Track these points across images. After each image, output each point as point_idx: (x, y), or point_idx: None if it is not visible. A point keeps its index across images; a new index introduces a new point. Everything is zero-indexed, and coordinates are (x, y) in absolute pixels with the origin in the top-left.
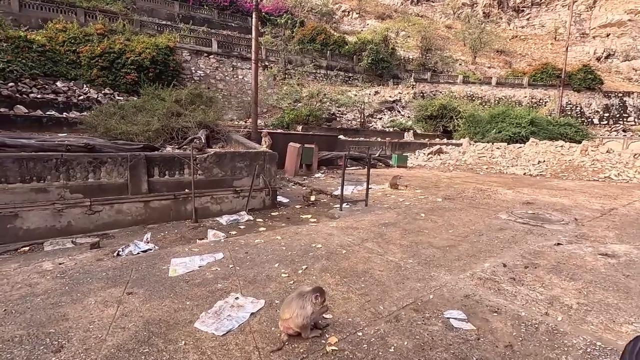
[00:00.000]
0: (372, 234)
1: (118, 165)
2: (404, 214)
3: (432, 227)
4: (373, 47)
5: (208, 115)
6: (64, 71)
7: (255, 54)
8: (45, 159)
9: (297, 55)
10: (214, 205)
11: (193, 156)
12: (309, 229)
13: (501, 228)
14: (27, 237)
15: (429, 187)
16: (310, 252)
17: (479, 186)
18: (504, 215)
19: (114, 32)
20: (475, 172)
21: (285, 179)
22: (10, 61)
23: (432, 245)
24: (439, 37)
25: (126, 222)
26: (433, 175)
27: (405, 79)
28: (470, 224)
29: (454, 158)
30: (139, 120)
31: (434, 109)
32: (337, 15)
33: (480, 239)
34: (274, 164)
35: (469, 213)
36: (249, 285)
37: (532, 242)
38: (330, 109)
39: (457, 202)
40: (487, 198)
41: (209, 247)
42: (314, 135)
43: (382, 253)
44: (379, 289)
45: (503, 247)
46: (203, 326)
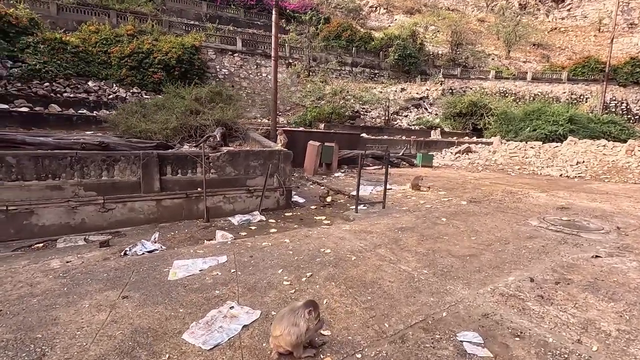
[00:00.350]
0: (386, 239)
1: (131, 163)
2: (423, 218)
3: (453, 233)
4: (400, 42)
5: (226, 113)
6: (96, 71)
7: (275, 51)
8: (60, 157)
9: (321, 52)
10: (226, 205)
11: (205, 155)
12: (320, 231)
13: (530, 236)
14: (41, 234)
15: (453, 189)
16: (318, 258)
17: (509, 188)
18: (534, 221)
19: (143, 32)
20: (506, 172)
21: (304, 178)
22: (47, 62)
23: (451, 254)
24: (470, 31)
25: (138, 221)
26: (460, 175)
27: (433, 75)
28: (496, 230)
29: (484, 158)
30: (158, 119)
31: (463, 106)
32: (364, 11)
33: (506, 248)
34: (288, 163)
35: (495, 218)
36: (247, 292)
37: (565, 254)
38: (354, 106)
39: (483, 205)
40: (517, 202)
41: (215, 249)
42: (336, 134)
43: (394, 261)
44: (387, 302)
45: (531, 259)
46: (191, 338)
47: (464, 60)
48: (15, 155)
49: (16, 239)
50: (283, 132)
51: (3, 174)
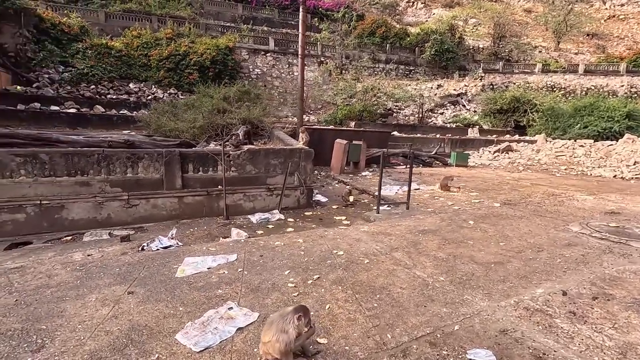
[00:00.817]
0: (404, 242)
1: (154, 161)
2: (448, 220)
3: (480, 237)
4: (437, 37)
5: (252, 112)
6: (137, 73)
7: (301, 49)
8: (88, 155)
9: (354, 49)
10: (246, 203)
11: (225, 153)
12: (337, 232)
13: (569, 243)
14: (71, 227)
15: (487, 190)
16: (329, 260)
17: (551, 190)
18: (575, 227)
19: (181, 35)
20: (550, 173)
21: (331, 176)
22: (93, 66)
23: (474, 261)
24: (515, 22)
25: (161, 217)
26: (497, 176)
27: (472, 71)
28: (529, 236)
29: (526, 157)
30: (186, 118)
31: (505, 101)
32: (401, 6)
33: (538, 257)
34: (309, 161)
35: (530, 222)
36: (250, 293)
37: (609, 265)
38: (387, 104)
39: (518, 208)
40: (559, 205)
41: (227, 247)
42: (365, 132)
43: (410, 266)
44: (394, 311)
45: (567, 269)
46: (184, 338)
47: (507, 53)
48: (48, 153)
49: (48, 231)
50: (305, 130)
51: (37, 170)
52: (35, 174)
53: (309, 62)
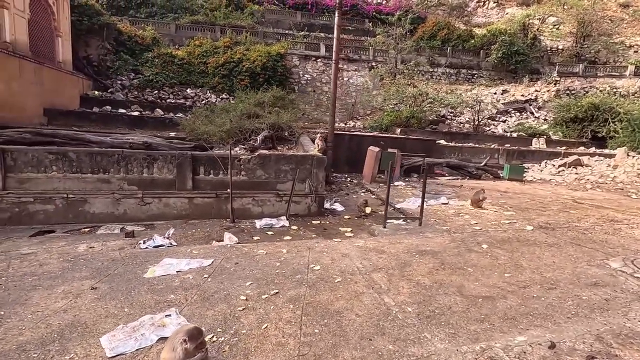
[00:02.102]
0: (393, 263)
1: (168, 162)
2: (459, 242)
3: (485, 265)
4: (505, 38)
5: (281, 117)
6: (195, 80)
7: (335, 54)
8: (110, 154)
9: (410, 53)
10: (255, 207)
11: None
12: (328, 245)
13: (596, 283)
14: (92, 220)
15: (529, 209)
16: (300, 274)
17: (614, 214)
18: (616, 262)
19: (238, 43)
20: (625, 194)
21: (360, 184)
22: (158, 73)
23: (461, 292)
24: (606, 19)
25: (172, 216)
26: (553, 193)
27: (547, 74)
28: (549, 268)
29: (598, 173)
30: (217, 122)
31: (580, 109)
32: (470, 7)
33: (546, 295)
34: (321, 168)
35: (561, 252)
36: (198, 302)
37: (636, 316)
38: (441, 110)
39: (555, 233)
40: (611, 233)
41: (210, 251)
42: (407, 139)
43: (382, 291)
44: (332, 340)
45: (575, 315)
46: (107, 340)
47: (594, 54)
48: (76, 152)
49: (72, 222)
50: (321, 136)
51: (67, 167)
52: (64, 170)
53: (359, 67)
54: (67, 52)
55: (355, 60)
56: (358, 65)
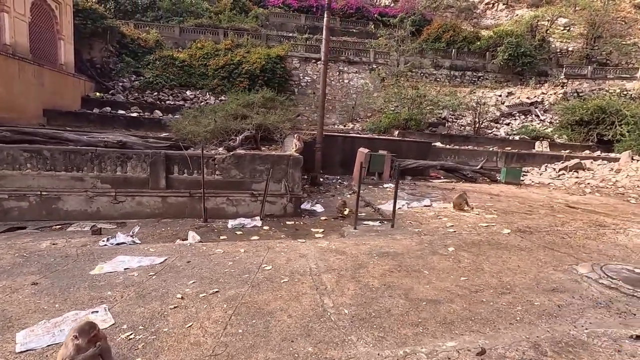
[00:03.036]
0: (349, 264)
1: (141, 161)
2: (426, 244)
3: (444, 268)
4: (512, 40)
5: (268, 118)
6: (195, 82)
7: (325, 55)
8: (83, 153)
9: (413, 56)
10: (229, 207)
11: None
12: (289, 245)
13: (555, 289)
14: (65, 217)
15: (514, 213)
16: (248, 274)
17: (604, 219)
18: (584, 268)
19: (239, 46)
20: (624, 199)
21: (350, 186)
22: (158, 75)
23: (407, 295)
24: (619, 20)
25: (145, 214)
26: (547, 197)
27: (554, 76)
28: (510, 273)
29: (599, 177)
30: (203, 122)
31: (586, 112)
32: (479, 9)
33: (496, 300)
34: (297, 169)
35: (529, 256)
36: (133, 300)
37: (585, 324)
38: (441, 112)
39: (531, 237)
40: (593, 238)
41: (168, 249)
42: (403, 141)
43: (327, 292)
44: (253, 341)
45: (519, 321)
46: (22, 336)
47: (605, 56)
48: (50, 150)
49: (46, 219)
50: (298, 137)
51: (41, 164)
52: (39, 167)
53: (360, 69)
54: (69, 54)
55: (355, 63)
56: (359, 67)
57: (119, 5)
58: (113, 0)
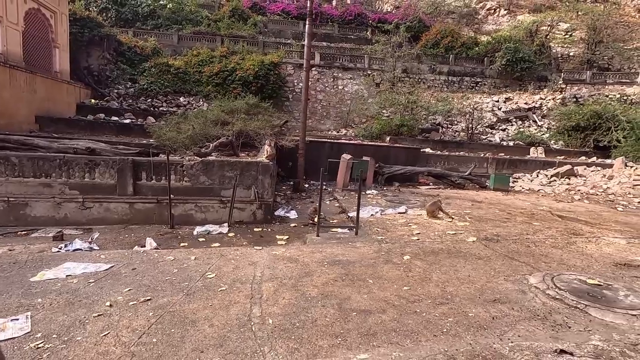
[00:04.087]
0: (296, 272)
1: (109, 167)
2: (384, 252)
3: (391, 277)
4: (510, 45)
5: (249, 124)
6: (189, 88)
7: (306, 62)
8: (51, 159)
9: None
10: (198, 214)
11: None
12: (243, 252)
13: (498, 299)
14: (33, 223)
15: (490, 220)
16: (188, 282)
17: (581, 227)
18: (536, 278)
19: (234, 53)
20: (612, 206)
21: (332, 192)
22: (153, 82)
23: (341, 305)
24: (622, 25)
25: (113, 220)
26: (531, 204)
27: (554, 81)
28: (458, 282)
29: (590, 184)
30: (182, 128)
31: (582, 117)
32: (480, 14)
33: (430, 311)
34: (267, 175)
35: (485, 265)
36: (61, 307)
37: (511, 337)
38: (436, 118)
39: (495, 246)
40: (560, 247)
41: (119, 256)
42: (391, 148)
43: (260, 301)
44: (162, 351)
45: (444, 333)
46: None
47: (607, 61)
48: (18, 156)
49: (13, 225)
50: (270, 143)
51: (9, 170)
52: (7, 174)
53: (354, 75)
54: (65, 62)
55: (350, 69)
56: (353, 73)
57: (120, 14)
58: (114, 9)
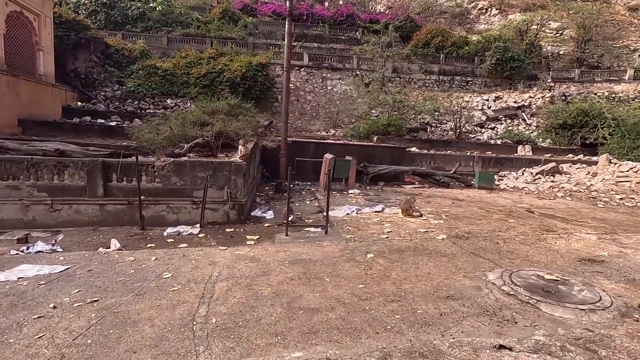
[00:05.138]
0: (254, 272)
1: (79, 169)
2: (349, 250)
3: (350, 275)
4: (499, 44)
5: (228, 125)
6: (177, 90)
7: (287, 62)
8: (19, 161)
9: (397, 61)
10: (170, 215)
11: (137, 163)
12: (206, 253)
13: (451, 296)
14: (1, 227)
15: (465, 218)
16: (142, 282)
17: (556, 223)
18: (494, 275)
19: (223, 54)
20: (592, 203)
21: (314, 192)
22: (140, 84)
23: (290, 304)
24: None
25: (83, 222)
26: (512, 202)
27: (542, 80)
28: (415, 280)
29: (574, 181)
30: (161, 130)
31: (569, 115)
32: (472, 14)
33: (380, 309)
34: (240, 175)
35: (448, 262)
36: (2, 310)
37: (454, 333)
38: (425, 118)
39: (463, 243)
40: (529, 244)
41: (78, 257)
42: (376, 147)
43: (210, 300)
44: (94, 352)
45: (387, 330)
46: None
47: (596, 59)
48: None
49: None
50: (243, 142)
51: None
52: None
53: (343, 76)
54: (49, 65)
55: (339, 69)
56: (342, 73)
57: (110, 17)
58: (103, 12)
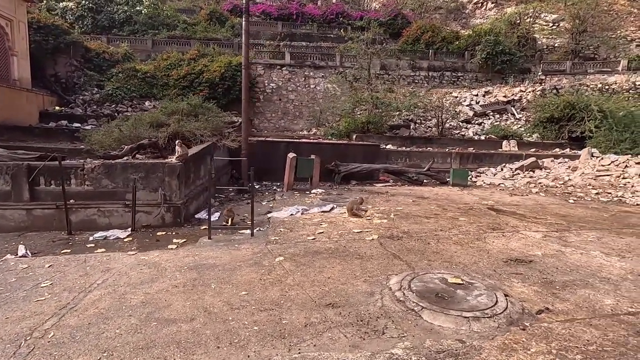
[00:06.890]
0: (144, 278)
1: (3, 173)
2: (260, 254)
3: (242, 281)
4: (490, 38)
5: (184, 126)
6: (156, 92)
7: (245, 60)
8: None
9: (387, 58)
10: (101, 218)
11: (61, 166)
12: (110, 258)
13: (334, 304)
14: None
15: (414, 217)
16: (11, 292)
17: (509, 221)
18: (397, 278)
19: (205, 55)
20: (564, 198)
21: (276, 193)
22: (118, 87)
23: (150, 315)
24: (608, 13)
25: (9, 228)
26: (477, 199)
27: (534, 73)
28: (309, 285)
29: (552, 177)
30: (113, 132)
31: (556, 108)
32: (468, 9)
33: (242, 320)
34: (174, 176)
35: (357, 266)
36: None
37: (302, 349)
38: (409, 115)
39: (391, 244)
40: (462, 244)
41: None
42: (349, 145)
43: (69, 311)
44: None
45: (230, 345)
46: None
47: (591, 50)
48: None
49: None
50: (180, 143)
51: None
52: None
53: (326, 74)
54: (24, 70)
55: (321, 67)
56: (325, 71)
57: (96, 21)
58: (90, 17)
